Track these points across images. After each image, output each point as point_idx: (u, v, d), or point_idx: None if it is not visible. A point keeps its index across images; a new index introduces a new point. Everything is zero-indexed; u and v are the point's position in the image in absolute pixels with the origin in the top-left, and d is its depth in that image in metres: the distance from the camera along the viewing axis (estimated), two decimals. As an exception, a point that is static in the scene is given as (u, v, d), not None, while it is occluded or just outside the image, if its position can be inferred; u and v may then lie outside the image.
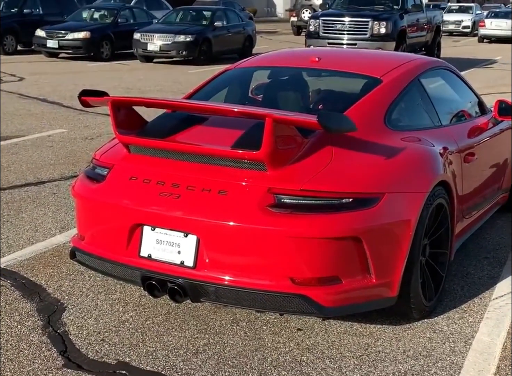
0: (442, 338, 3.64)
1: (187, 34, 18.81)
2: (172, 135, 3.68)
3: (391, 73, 4.32)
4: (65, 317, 3.80)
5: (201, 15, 20.79)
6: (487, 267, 4.63)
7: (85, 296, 4.07)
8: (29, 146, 8.13)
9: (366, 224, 3.33)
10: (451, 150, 4.21)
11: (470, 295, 4.18)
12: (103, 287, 4.19)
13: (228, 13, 21.52)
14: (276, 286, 3.28)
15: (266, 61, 5.06)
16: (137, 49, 19.15)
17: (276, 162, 3.36)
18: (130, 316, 3.83)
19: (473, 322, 3.83)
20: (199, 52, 18.96)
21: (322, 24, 17.18)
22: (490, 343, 3.59)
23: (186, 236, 3.41)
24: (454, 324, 3.80)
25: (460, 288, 4.28)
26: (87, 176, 3.88)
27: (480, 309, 4.00)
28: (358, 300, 3.44)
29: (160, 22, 20.63)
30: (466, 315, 3.92)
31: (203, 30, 19.44)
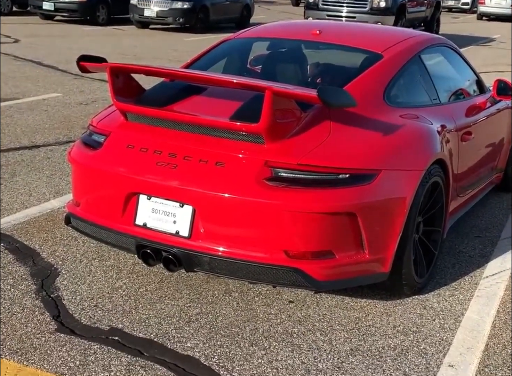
0: (432, 314, 3.68)
1: (184, 1, 18.64)
2: (171, 105, 3.65)
3: (392, 48, 4.30)
4: (59, 282, 3.81)
5: (200, -19, 20.55)
6: (479, 245, 4.67)
7: (79, 262, 4.08)
8: (24, 109, 8.07)
9: (362, 200, 3.34)
10: (449, 128, 4.21)
11: (461, 273, 4.22)
12: (97, 254, 4.20)
13: (226, -19, 21.29)
14: (270, 259, 3.30)
15: (266, 32, 5.00)
16: (133, 14, 18.98)
17: (274, 135, 3.35)
18: (124, 283, 3.84)
19: (463, 299, 3.87)
20: (196, 20, 18.81)
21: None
22: (479, 321, 3.63)
23: (182, 206, 3.42)
24: (444, 301, 3.84)
25: (451, 265, 4.31)
26: (84, 142, 3.86)
27: (470, 287, 4.03)
28: (351, 275, 3.47)
29: (158, -13, 20.39)
30: (456, 292, 3.95)
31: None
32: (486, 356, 3.31)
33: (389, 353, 3.29)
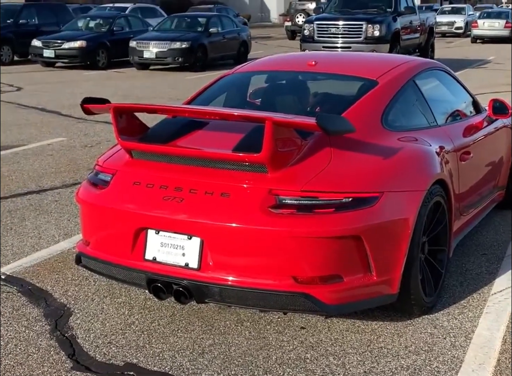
0: (443, 333, 3.71)
1: (182, 41, 18.91)
2: (174, 140, 3.76)
3: (386, 75, 4.42)
4: (72, 321, 3.87)
5: (196, 21, 20.89)
6: (485, 263, 4.71)
7: (91, 300, 4.13)
8: (30, 155, 8.20)
9: (366, 223, 3.41)
10: (447, 149, 4.30)
11: (470, 290, 4.26)
12: (108, 291, 4.25)
13: (222, 19, 21.64)
14: (279, 285, 3.35)
15: (264, 66, 5.14)
16: (133, 56, 19.24)
17: (276, 164, 3.44)
18: (136, 319, 3.89)
19: (473, 317, 3.90)
20: (195, 58, 19.06)
21: (316, 28, 17.27)
22: (490, 337, 3.66)
23: (190, 238, 3.49)
24: (454, 319, 3.88)
25: (459, 284, 4.35)
26: (91, 182, 3.96)
27: (479, 304, 4.07)
28: (360, 298, 3.52)
29: (156, 29, 20.74)
30: (466, 310, 3.99)
31: (198, 36, 19.54)
32: (498, 371, 3.34)
33: (402, 374, 3.32)
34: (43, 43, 19.49)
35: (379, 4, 18.25)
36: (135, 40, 19.27)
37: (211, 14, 23.48)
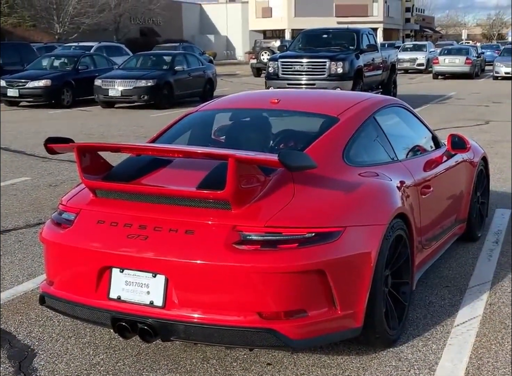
0: (407, 365, 3.75)
1: (148, 79, 19.03)
2: (138, 178, 3.78)
3: (347, 111, 4.51)
4: (36, 363, 3.82)
5: (161, 60, 21.08)
6: (448, 295, 4.78)
7: (55, 341, 4.09)
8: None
9: (329, 257, 3.45)
10: (408, 183, 4.39)
11: (433, 323, 4.31)
12: (73, 331, 4.21)
13: (188, 57, 21.84)
14: (244, 321, 3.36)
15: (228, 103, 5.22)
16: (98, 95, 19.29)
17: (240, 200, 3.47)
18: (101, 359, 3.86)
19: (436, 349, 3.95)
20: (161, 96, 19.17)
21: (281, 66, 17.54)
22: (453, 369, 3.71)
23: (155, 276, 3.49)
24: (418, 351, 3.92)
25: (423, 316, 4.40)
26: (55, 221, 3.93)
27: (442, 336, 4.12)
28: (325, 332, 3.54)
29: (121, 68, 20.84)
30: (429, 342, 4.03)
31: (164, 74, 19.68)
32: (462, 402, 3.37)
33: (367, 407, 3.33)
34: (7, 83, 19.47)
35: (342, 42, 18.65)
36: (100, 78, 19.34)
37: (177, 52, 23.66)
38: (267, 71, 18.11)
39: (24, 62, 21.93)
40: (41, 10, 46.08)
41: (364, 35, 18.82)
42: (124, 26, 54.65)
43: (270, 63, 18.04)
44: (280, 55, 18.26)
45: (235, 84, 29.08)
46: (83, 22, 46.93)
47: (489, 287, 4.91)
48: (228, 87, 26.38)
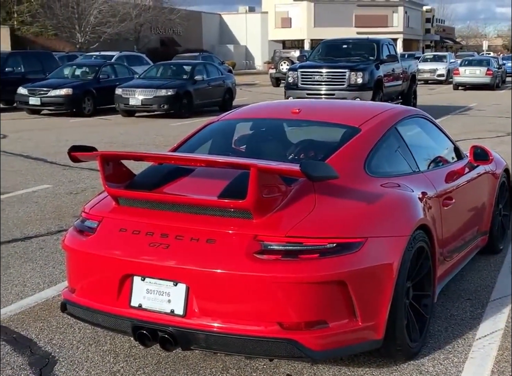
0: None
1: (168, 88, 19.14)
2: (160, 187, 3.80)
3: (369, 122, 4.51)
4: (57, 370, 3.83)
5: (182, 69, 21.19)
6: (470, 308, 4.74)
7: (75, 348, 4.11)
8: (15, 202, 8.19)
9: (350, 268, 3.44)
10: (430, 195, 4.37)
11: (454, 336, 4.27)
12: (93, 339, 4.23)
13: (207, 67, 21.94)
14: (265, 332, 3.36)
15: (249, 113, 5.23)
16: (119, 104, 19.43)
17: (261, 210, 3.48)
18: (121, 367, 3.87)
19: (458, 362, 3.91)
20: (180, 105, 19.27)
21: (300, 76, 17.54)
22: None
23: (176, 284, 3.50)
24: (439, 364, 3.88)
25: (444, 329, 4.37)
26: (77, 229, 3.96)
27: (464, 349, 4.08)
28: (345, 343, 3.52)
29: (141, 77, 20.98)
30: (451, 355, 4.00)
31: (184, 84, 19.78)
32: (484, 416, 3.34)
33: (388, 420, 3.31)
34: (29, 91, 19.64)
35: (362, 53, 18.63)
36: (121, 87, 19.48)
37: (197, 62, 23.82)
38: (287, 81, 18.12)
39: (46, 71, 22.11)
40: (63, 20, 46.56)
41: (384, 46, 18.79)
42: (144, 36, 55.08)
43: (290, 73, 18.05)
44: (299, 65, 18.26)
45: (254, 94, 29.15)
46: (104, 31, 47.40)
47: (510, 300, 4.86)
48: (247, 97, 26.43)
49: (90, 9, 46.69)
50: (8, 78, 21.08)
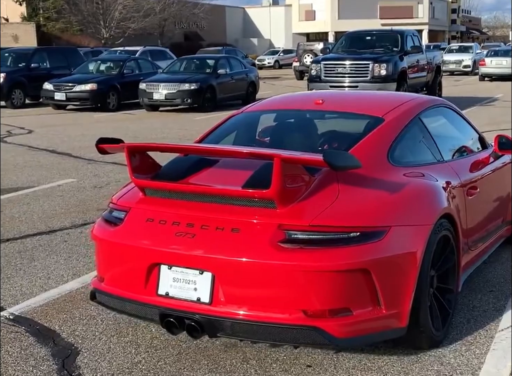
0: (450, 370, 3.70)
1: (191, 83, 19.19)
2: (186, 178, 3.86)
3: (392, 112, 4.50)
4: (79, 361, 3.88)
5: (205, 63, 21.23)
6: (493, 300, 4.70)
7: (98, 340, 4.15)
8: (40, 196, 8.29)
9: (374, 256, 3.47)
10: (454, 184, 4.37)
11: (477, 327, 4.24)
12: (115, 330, 4.27)
13: (231, 60, 21.96)
14: (290, 319, 3.40)
15: (272, 105, 5.26)
16: (143, 98, 19.53)
17: (285, 200, 3.51)
18: (143, 358, 3.90)
19: (479, 353, 3.89)
20: (204, 99, 19.31)
21: (323, 68, 17.46)
22: (496, 374, 3.64)
23: (202, 273, 3.56)
24: (461, 356, 3.86)
25: (466, 321, 4.34)
26: (105, 220, 4.04)
27: (486, 341, 4.05)
28: (369, 331, 3.55)
29: (165, 71, 21.07)
30: (472, 347, 3.97)
31: (207, 78, 19.83)
32: (505, 408, 3.31)
33: (408, 411, 3.30)
34: (54, 86, 19.82)
35: (385, 44, 18.49)
36: (144, 82, 19.58)
37: (220, 56, 23.85)
38: (310, 74, 18.05)
39: (71, 67, 22.31)
40: (88, 15, 46.93)
41: (409, 37, 18.63)
42: (168, 30, 55.25)
43: (313, 65, 17.98)
44: (322, 58, 18.19)
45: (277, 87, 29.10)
46: (128, 27, 47.64)
47: (535, 291, 4.82)
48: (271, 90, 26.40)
49: (114, 5, 46.96)
50: (34, 74, 21.30)
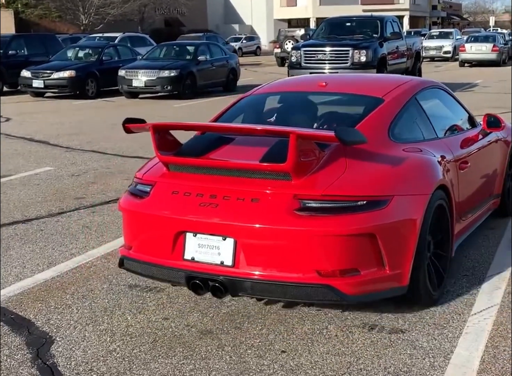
0: (422, 354, 3.74)
1: (171, 69, 19.08)
2: (206, 154, 4.19)
3: (391, 93, 4.87)
4: (54, 349, 3.87)
5: (185, 50, 21.10)
6: (466, 284, 4.74)
7: (73, 328, 4.14)
8: (17, 185, 8.23)
9: (379, 222, 3.84)
10: (448, 159, 4.73)
11: (450, 311, 4.29)
12: (90, 319, 4.27)
13: (211, 47, 21.84)
14: (305, 278, 3.78)
15: (279, 87, 5.63)
16: (122, 85, 19.40)
17: (299, 172, 3.87)
18: (117, 346, 3.90)
19: (452, 337, 3.93)
20: (184, 86, 19.21)
21: (303, 55, 17.46)
22: (468, 357, 3.69)
23: (225, 239, 3.91)
24: (433, 340, 3.90)
25: (440, 304, 4.38)
26: (131, 193, 4.36)
27: (459, 324, 4.10)
28: (375, 289, 3.93)
29: (145, 58, 20.91)
30: (445, 331, 4.02)
31: (187, 64, 19.71)
32: (476, 390, 3.35)
33: (381, 395, 3.33)
34: (32, 74, 19.63)
35: (365, 30, 18.50)
36: (124, 69, 19.44)
37: (200, 42, 23.69)
38: (290, 60, 18.05)
39: (49, 54, 22.08)
40: (66, 1, 46.37)
41: (388, 23, 18.66)
42: (148, 16, 54.86)
43: (293, 52, 17.96)
44: (302, 44, 18.18)
45: (259, 74, 29.06)
46: (108, 13, 47.19)
47: (508, 275, 4.87)
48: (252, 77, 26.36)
49: (93, -9, 46.48)
50: (12, 61, 21.10)
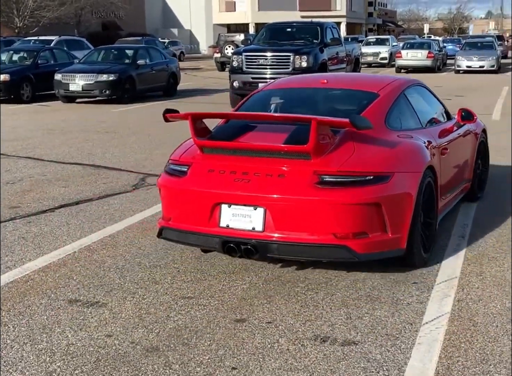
0: (376, 366, 3.65)
1: (109, 73, 18.70)
2: (237, 138, 4.94)
3: (384, 89, 5.75)
4: (-12, 372, 3.63)
5: (124, 53, 20.75)
6: (416, 292, 4.70)
7: (9, 348, 3.90)
8: None
9: (383, 194, 4.64)
10: (433, 145, 5.56)
11: (401, 321, 4.22)
12: (28, 337, 4.03)
13: (150, 51, 21.53)
14: (324, 240, 4.57)
15: (286, 84, 6.47)
16: (58, 90, 18.92)
17: (318, 152, 4.64)
18: (58, 366, 3.68)
19: (405, 348, 3.86)
20: (123, 90, 18.86)
21: (245, 60, 17.37)
22: (423, 369, 3.62)
23: (256, 209, 4.66)
24: (387, 351, 3.82)
25: (390, 314, 4.31)
26: (169, 173, 5.11)
27: (411, 334, 4.03)
28: (380, 249, 4.71)
29: (82, 62, 20.45)
30: (398, 341, 3.94)
31: (126, 68, 19.37)
32: (432, 404, 3.27)
33: (336, 412, 3.22)
34: (-36, 78, 18.93)
35: (306, 36, 18.55)
36: (60, 72, 18.97)
37: (139, 46, 23.34)
38: (231, 65, 17.91)
39: (-18, 57, 21.35)
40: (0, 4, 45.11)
41: (328, 29, 18.77)
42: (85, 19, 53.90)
43: (234, 57, 17.84)
44: (244, 49, 18.08)
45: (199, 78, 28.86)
46: (43, 16, 46.11)
47: (456, 283, 4.85)
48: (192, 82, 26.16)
49: (28, -7, 45.37)
50: None
